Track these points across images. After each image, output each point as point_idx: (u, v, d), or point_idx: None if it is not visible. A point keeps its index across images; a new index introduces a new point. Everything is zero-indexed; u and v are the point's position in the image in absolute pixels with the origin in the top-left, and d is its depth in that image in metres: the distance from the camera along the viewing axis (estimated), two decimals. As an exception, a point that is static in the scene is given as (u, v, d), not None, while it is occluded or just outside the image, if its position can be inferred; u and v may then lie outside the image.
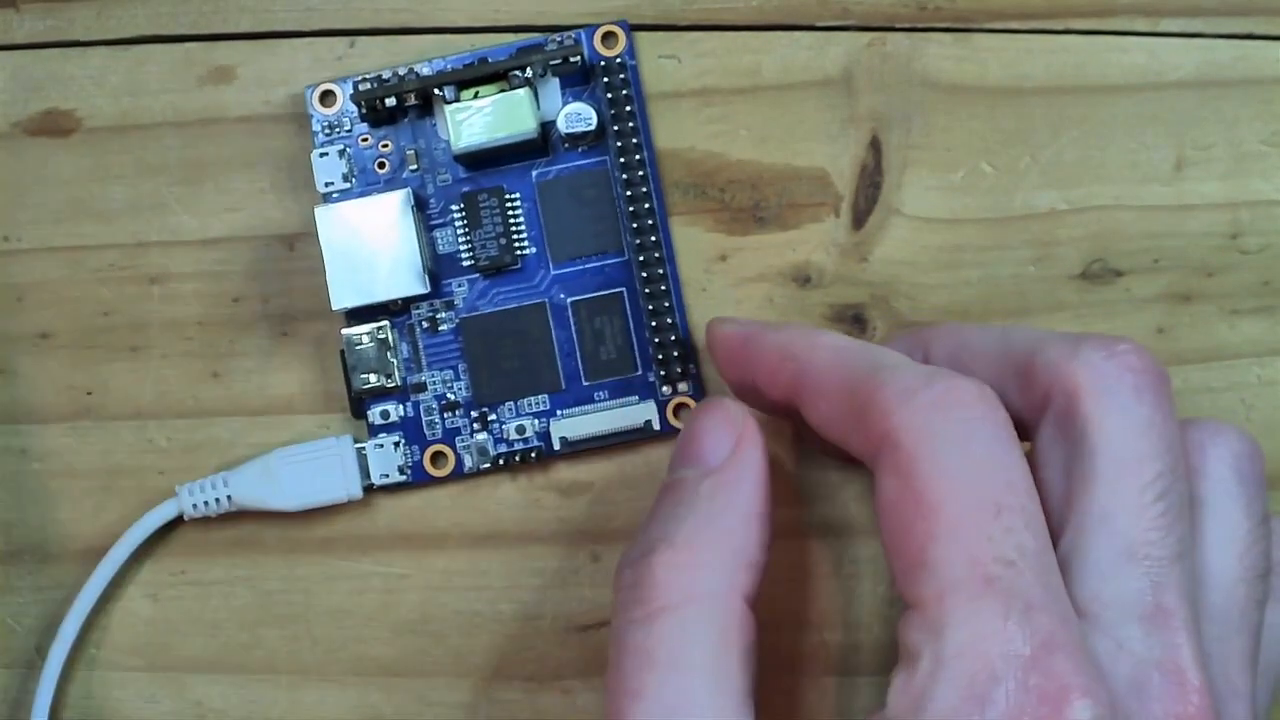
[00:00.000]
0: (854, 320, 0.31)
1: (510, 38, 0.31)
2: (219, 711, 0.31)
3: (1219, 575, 0.25)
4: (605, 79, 0.31)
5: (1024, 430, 0.25)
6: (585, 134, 0.31)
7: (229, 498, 0.31)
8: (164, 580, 0.32)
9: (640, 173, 0.31)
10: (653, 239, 0.30)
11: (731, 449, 0.27)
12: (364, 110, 0.31)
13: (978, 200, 0.31)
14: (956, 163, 0.31)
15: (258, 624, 0.31)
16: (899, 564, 0.23)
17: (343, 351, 0.31)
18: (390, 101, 0.30)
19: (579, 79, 0.31)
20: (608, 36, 0.31)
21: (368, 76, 0.31)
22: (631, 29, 0.31)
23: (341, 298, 0.30)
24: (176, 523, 0.31)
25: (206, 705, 0.31)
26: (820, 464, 0.31)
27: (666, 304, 0.30)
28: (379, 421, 0.31)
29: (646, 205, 0.30)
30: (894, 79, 0.31)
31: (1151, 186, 0.31)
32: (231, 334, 0.32)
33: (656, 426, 0.31)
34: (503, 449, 0.31)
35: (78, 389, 0.32)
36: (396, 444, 0.31)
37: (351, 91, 0.31)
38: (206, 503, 0.31)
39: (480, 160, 0.31)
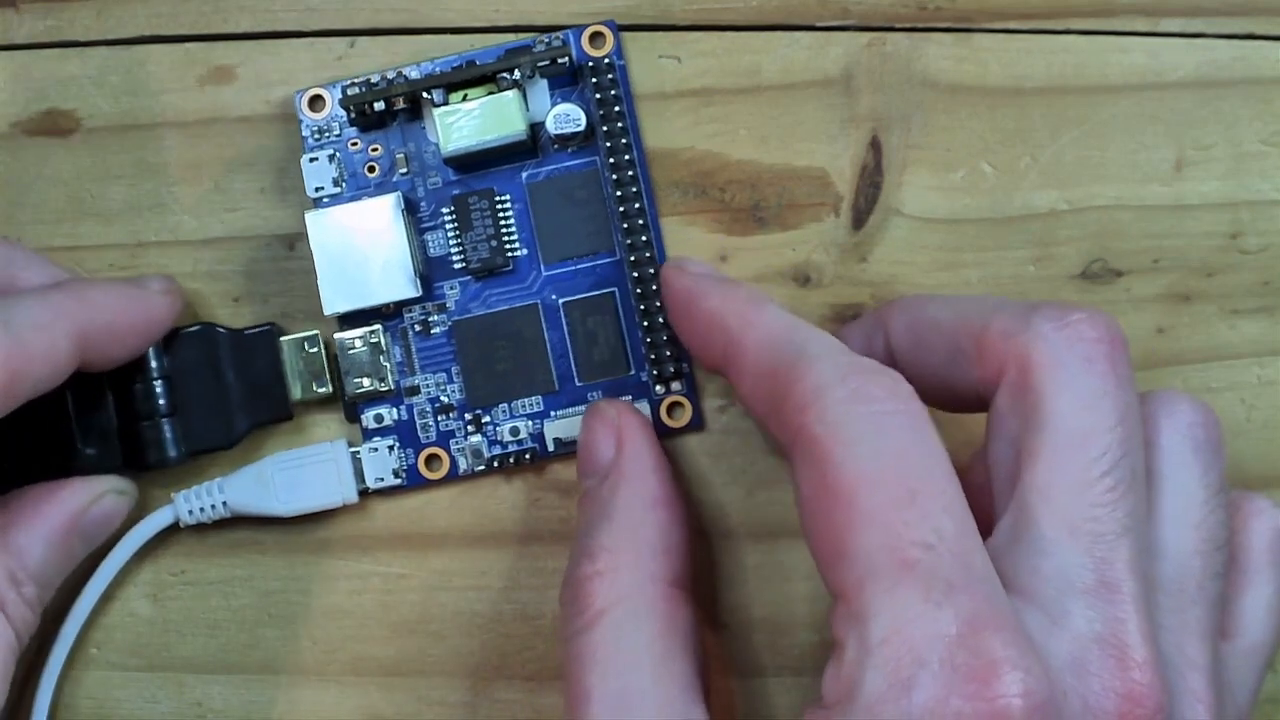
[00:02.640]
0: (854, 320, 0.31)
1: (509, 38, 0.31)
2: (219, 712, 0.31)
3: (1174, 547, 0.25)
4: (594, 79, 0.31)
5: (982, 402, 0.26)
6: (574, 135, 0.31)
7: (224, 504, 0.30)
8: (164, 580, 0.31)
9: (630, 172, 0.30)
10: (644, 238, 0.30)
11: (615, 447, 0.28)
12: (353, 115, 0.31)
13: (978, 200, 0.31)
14: (956, 163, 0.31)
15: (257, 624, 0.31)
16: (820, 557, 0.23)
17: (335, 356, 0.31)
18: (379, 105, 0.30)
19: (567, 79, 0.31)
20: (595, 37, 0.31)
21: (356, 80, 0.31)
22: (630, 29, 0.31)
23: (333, 303, 0.30)
24: (174, 527, 0.31)
25: (206, 705, 0.31)
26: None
27: (659, 303, 0.30)
28: (373, 425, 0.31)
29: (637, 205, 0.30)
30: (894, 79, 0.31)
31: (1151, 186, 0.31)
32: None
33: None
34: (497, 451, 0.31)
35: (77, 389, 0.32)
36: (391, 448, 0.31)
37: (340, 96, 0.31)
38: (202, 509, 0.30)
39: (470, 163, 0.31)
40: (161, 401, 0.30)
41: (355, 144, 0.31)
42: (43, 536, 0.29)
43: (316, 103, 0.31)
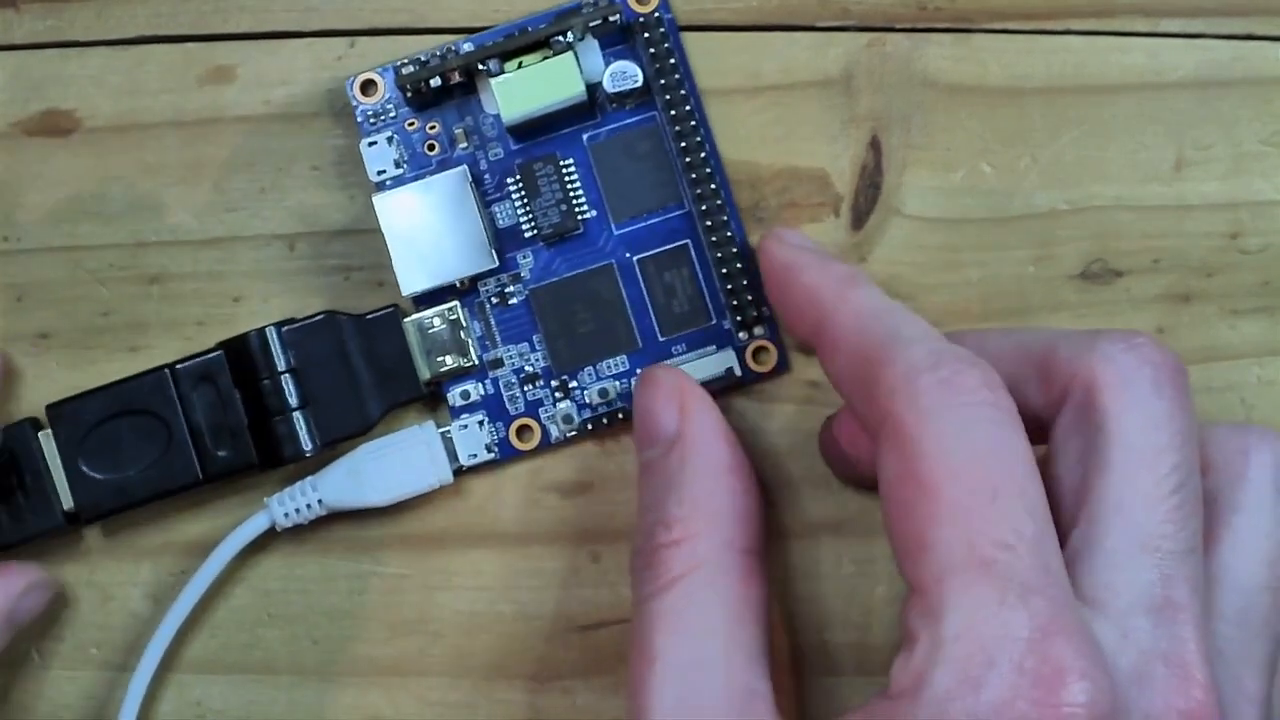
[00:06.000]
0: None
1: (510, 38, 0.31)
2: (219, 712, 0.31)
3: (1245, 579, 0.25)
4: (645, 34, 0.30)
5: (1042, 426, 0.26)
6: (632, 91, 0.30)
7: (320, 502, 0.30)
8: (163, 581, 0.31)
9: (691, 122, 0.30)
10: (711, 186, 0.30)
11: (678, 416, 0.27)
12: (409, 94, 0.30)
13: (978, 200, 0.31)
14: (956, 163, 0.31)
15: (256, 624, 0.31)
16: (900, 546, 0.23)
17: (406, 339, 0.30)
18: (435, 82, 0.30)
19: (617, 38, 0.31)
20: None
21: (409, 60, 0.31)
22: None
23: (410, 283, 0.30)
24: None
25: (206, 705, 0.31)
26: (820, 464, 0.31)
27: (733, 250, 0.30)
28: (460, 403, 0.31)
29: (701, 154, 0.30)
30: (894, 79, 0.31)
31: (1151, 186, 0.31)
32: (232, 334, 0.32)
33: (738, 373, 0.30)
34: (587, 414, 0.31)
35: (78, 389, 0.32)
36: (481, 423, 0.31)
37: (394, 77, 0.31)
38: (298, 509, 0.30)
39: (531, 129, 0.31)
40: (292, 396, 0.30)
41: (412, 124, 0.31)
42: None
43: (369, 87, 0.31)
